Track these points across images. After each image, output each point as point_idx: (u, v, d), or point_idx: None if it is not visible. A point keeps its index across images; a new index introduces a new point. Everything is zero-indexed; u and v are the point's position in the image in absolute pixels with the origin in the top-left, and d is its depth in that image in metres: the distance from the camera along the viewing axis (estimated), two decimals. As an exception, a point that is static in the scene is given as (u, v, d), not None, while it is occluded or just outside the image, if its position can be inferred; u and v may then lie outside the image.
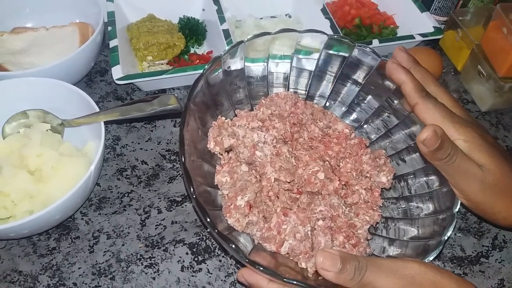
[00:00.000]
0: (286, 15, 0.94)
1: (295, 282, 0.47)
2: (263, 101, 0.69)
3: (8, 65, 0.76)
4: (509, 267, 0.63)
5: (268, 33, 0.67)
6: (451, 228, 0.53)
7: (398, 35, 0.91)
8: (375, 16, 0.95)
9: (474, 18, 0.88)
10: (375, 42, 0.82)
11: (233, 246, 0.49)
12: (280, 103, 0.69)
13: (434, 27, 0.85)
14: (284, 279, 0.47)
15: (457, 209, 0.54)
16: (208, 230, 0.61)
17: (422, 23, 0.88)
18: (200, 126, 0.62)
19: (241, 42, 0.65)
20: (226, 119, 0.66)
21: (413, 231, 0.59)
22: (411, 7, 0.91)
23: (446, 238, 0.52)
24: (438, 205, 0.59)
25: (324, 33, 0.67)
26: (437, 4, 0.90)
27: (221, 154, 0.64)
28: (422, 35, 0.84)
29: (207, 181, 0.60)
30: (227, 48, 0.63)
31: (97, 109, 0.64)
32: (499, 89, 0.77)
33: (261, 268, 0.48)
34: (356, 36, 0.90)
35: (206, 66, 0.63)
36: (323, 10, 0.88)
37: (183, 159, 0.53)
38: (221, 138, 0.63)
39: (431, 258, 0.50)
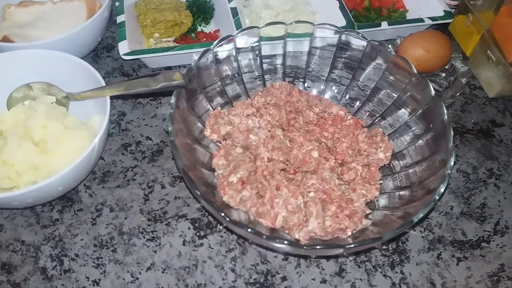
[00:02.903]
0: (295, -5, 0.93)
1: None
2: (258, 92, 0.70)
3: (15, 38, 0.76)
4: (510, 252, 0.63)
5: (283, 23, 0.68)
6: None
7: (407, 19, 0.90)
8: (385, -1, 0.93)
9: (486, 3, 0.86)
10: (384, 25, 0.81)
11: (222, 214, 0.51)
12: (276, 93, 0.70)
13: (444, 11, 0.84)
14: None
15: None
16: (200, 203, 0.62)
17: (432, 7, 0.86)
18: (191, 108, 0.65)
19: (255, 27, 0.67)
20: (222, 109, 0.68)
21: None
22: (421, -10, 0.89)
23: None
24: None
25: (340, 29, 0.69)
26: (449, -12, 0.89)
27: (220, 142, 0.65)
28: (432, 18, 0.83)
29: (204, 165, 0.62)
30: (239, 30, 0.68)
31: (103, 84, 0.64)
32: (508, 75, 0.76)
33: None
34: (365, 18, 0.89)
35: (215, 42, 0.64)
36: (332, -9, 0.87)
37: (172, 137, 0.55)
38: (218, 126, 0.65)
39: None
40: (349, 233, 0.57)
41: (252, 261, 0.60)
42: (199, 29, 0.89)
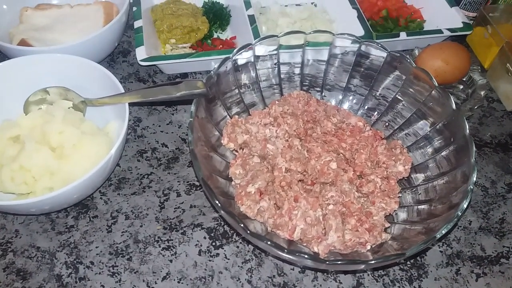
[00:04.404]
0: (312, 3, 0.93)
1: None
2: (276, 101, 0.69)
3: (32, 41, 0.76)
4: (530, 269, 0.62)
5: (303, 32, 0.67)
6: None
7: (425, 29, 0.89)
8: (402, 9, 0.93)
9: (505, 15, 0.86)
10: (403, 35, 0.81)
11: (242, 225, 0.50)
12: (293, 102, 0.70)
13: (463, 22, 0.83)
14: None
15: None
16: (220, 213, 0.61)
17: (451, 18, 0.86)
18: (209, 116, 0.64)
19: (275, 36, 0.67)
20: (239, 117, 0.68)
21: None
22: (440, 1, 0.89)
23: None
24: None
25: (360, 39, 0.69)
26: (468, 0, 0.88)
27: (236, 151, 0.65)
28: (451, 30, 0.82)
29: (220, 173, 0.62)
30: (258, 38, 0.67)
31: (122, 90, 0.63)
32: (527, 89, 0.75)
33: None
34: (382, 28, 0.88)
35: (234, 50, 0.63)
36: (350, 0, 0.86)
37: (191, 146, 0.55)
38: (235, 135, 0.64)
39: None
40: (368, 247, 0.56)
41: (269, 273, 0.59)
42: (215, 35, 0.89)
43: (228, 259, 0.60)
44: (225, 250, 0.61)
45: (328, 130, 0.68)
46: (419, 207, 0.61)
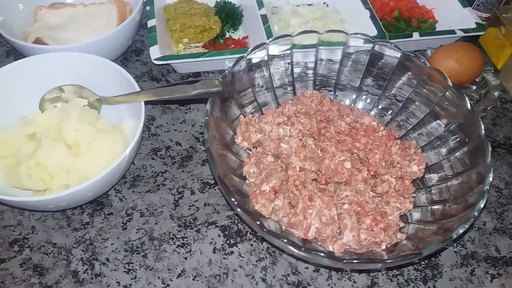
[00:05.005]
0: (324, 3, 0.93)
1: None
2: (289, 100, 0.70)
3: (47, 40, 0.76)
4: (545, 270, 0.62)
5: (317, 32, 0.68)
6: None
7: (437, 30, 0.89)
8: (414, 9, 0.93)
9: (518, 16, 0.86)
10: (416, 35, 0.81)
11: (258, 222, 0.51)
12: (306, 101, 0.70)
13: (476, 23, 0.83)
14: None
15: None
16: (235, 212, 0.62)
17: (463, 19, 0.86)
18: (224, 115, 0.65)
19: (289, 35, 0.67)
20: (253, 116, 0.68)
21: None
22: (452, 1, 0.89)
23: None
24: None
25: (374, 39, 0.69)
26: (481, 0, 0.88)
27: (250, 150, 0.65)
28: (464, 30, 0.82)
29: (234, 171, 0.62)
30: (272, 37, 0.67)
31: (137, 88, 0.64)
32: (541, 90, 0.75)
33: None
34: (394, 28, 0.88)
35: (249, 49, 0.63)
36: (363, 0, 0.86)
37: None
38: (249, 134, 0.65)
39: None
40: (384, 247, 0.57)
41: (283, 271, 0.60)
42: (227, 35, 0.89)
43: (242, 257, 0.61)
44: (239, 248, 0.61)
45: (342, 129, 0.68)
46: (433, 207, 0.61)
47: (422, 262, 0.61)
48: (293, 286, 0.58)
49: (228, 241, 0.62)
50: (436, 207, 0.61)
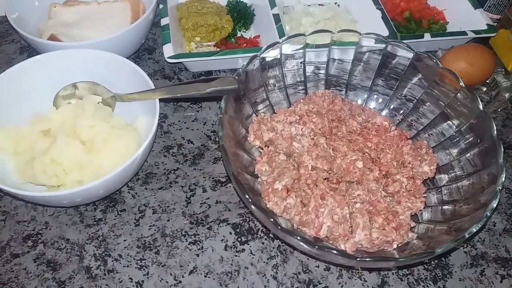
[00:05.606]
0: (335, 3, 0.93)
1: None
2: (301, 99, 0.70)
3: (60, 37, 0.77)
4: (555, 272, 0.62)
5: (330, 31, 0.68)
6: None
7: (448, 31, 0.89)
8: (425, 10, 0.93)
9: (529, 18, 0.85)
10: (427, 36, 0.81)
11: (272, 220, 0.51)
12: (318, 101, 0.70)
13: (487, 24, 0.83)
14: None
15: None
16: (249, 209, 0.62)
17: (474, 20, 0.86)
18: (238, 114, 0.65)
19: (302, 34, 0.68)
20: (265, 115, 0.68)
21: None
22: (463, 3, 0.89)
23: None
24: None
25: (387, 39, 0.69)
26: (492, 1, 0.88)
27: (262, 148, 0.66)
28: (475, 32, 0.82)
29: (246, 169, 0.62)
30: (285, 36, 0.68)
31: (152, 86, 0.64)
32: (552, 92, 0.75)
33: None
34: (405, 29, 0.89)
35: (262, 48, 0.64)
36: (374, 0, 0.86)
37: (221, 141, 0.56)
38: (261, 133, 0.65)
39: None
40: (395, 246, 0.57)
41: (294, 269, 0.60)
42: (238, 34, 0.89)
43: (254, 255, 0.61)
44: (250, 246, 0.62)
45: (353, 129, 0.68)
46: (444, 207, 0.62)
47: (432, 262, 0.62)
48: (304, 284, 0.59)
49: (239, 239, 0.62)
50: (446, 207, 0.61)
